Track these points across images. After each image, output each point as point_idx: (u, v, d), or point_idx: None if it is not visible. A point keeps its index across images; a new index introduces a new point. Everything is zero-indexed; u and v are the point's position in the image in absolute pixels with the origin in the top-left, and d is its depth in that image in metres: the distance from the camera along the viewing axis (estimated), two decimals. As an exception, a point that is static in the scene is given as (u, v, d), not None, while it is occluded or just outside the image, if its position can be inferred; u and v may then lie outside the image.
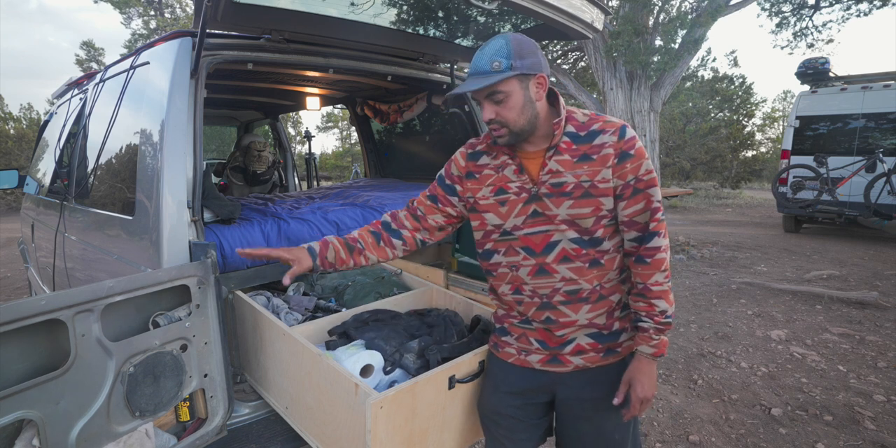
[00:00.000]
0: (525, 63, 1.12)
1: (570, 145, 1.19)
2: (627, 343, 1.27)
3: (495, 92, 1.14)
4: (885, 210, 6.70)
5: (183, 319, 1.43)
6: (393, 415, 1.18)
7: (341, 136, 26.41)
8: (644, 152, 1.19)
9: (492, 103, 1.16)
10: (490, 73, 1.12)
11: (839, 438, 2.42)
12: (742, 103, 18.01)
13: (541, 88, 1.18)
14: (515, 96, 1.15)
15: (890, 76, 7.19)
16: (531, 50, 1.14)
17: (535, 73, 1.14)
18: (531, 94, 1.16)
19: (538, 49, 1.17)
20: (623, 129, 1.18)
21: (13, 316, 1.08)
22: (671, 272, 1.28)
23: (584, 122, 1.21)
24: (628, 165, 1.16)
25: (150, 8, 16.60)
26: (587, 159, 1.17)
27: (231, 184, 4.33)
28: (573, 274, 1.21)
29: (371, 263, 1.41)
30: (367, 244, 1.39)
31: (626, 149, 1.16)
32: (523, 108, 1.16)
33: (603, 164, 1.16)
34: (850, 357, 3.32)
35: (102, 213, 2.00)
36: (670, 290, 1.20)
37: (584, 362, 1.25)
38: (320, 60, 2.09)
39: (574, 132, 1.20)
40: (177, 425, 1.50)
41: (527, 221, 1.23)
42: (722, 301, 4.56)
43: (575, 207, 1.18)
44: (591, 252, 1.20)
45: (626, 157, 1.16)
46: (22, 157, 13.89)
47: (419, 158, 3.51)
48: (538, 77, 1.16)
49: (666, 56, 6.14)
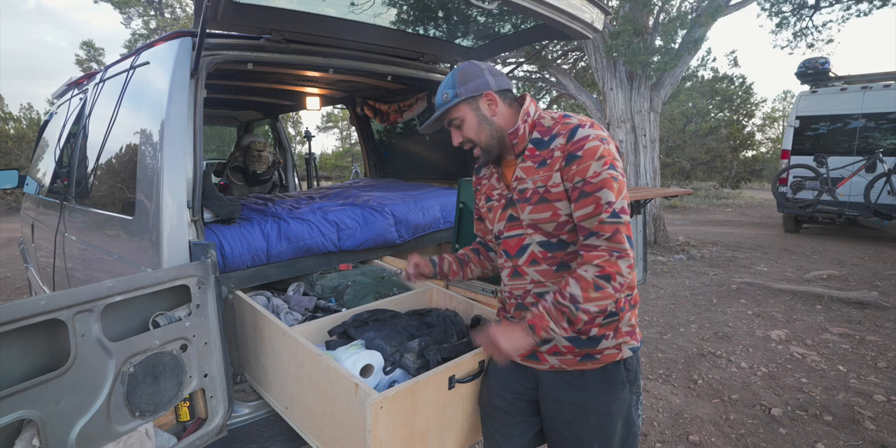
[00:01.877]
0: (468, 88, 1.24)
1: (534, 151, 1.22)
2: (610, 351, 1.23)
3: (451, 119, 1.28)
4: (885, 210, 6.70)
5: (183, 319, 1.43)
6: (393, 415, 1.18)
7: (341, 136, 26.40)
8: (596, 152, 1.12)
9: (455, 129, 1.30)
10: (441, 105, 1.28)
11: (839, 438, 2.42)
12: (742, 103, 18.00)
13: (493, 104, 1.25)
14: (469, 119, 1.26)
15: (890, 76, 7.19)
16: (474, 74, 1.24)
17: (479, 93, 1.24)
18: (484, 113, 1.26)
19: (484, 71, 1.25)
20: (574, 130, 1.15)
21: (13, 316, 1.08)
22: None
23: (549, 127, 1.22)
24: (574, 167, 1.13)
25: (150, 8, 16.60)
26: (543, 165, 1.19)
27: (231, 184, 4.33)
28: (541, 276, 1.24)
29: (476, 276, 1.57)
30: (472, 258, 1.56)
31: (573, 150, 1.14)
32: (479, 126, 1.26)
33: (553, 168, 1.17)
34: (850, 357, 3.32)
35: (102, 213, 2.00)
36: (596, 287, 1.08)
37: (559, 363, 1.24)
38: (320, 60, 2.09)
39: (539, 138, 1.22)
40: (177, 425, 1.50)
41: (506, 226, 1.30)
42: (722, 301, 4.56)
43: (534, 212, 1.21)
44: (559, 255, 1.21)
45: (572, 158, 1.14)
46: (22, 157, 13.89)
47: (419, 158, 3.51)
48: (485, 96, 1.24)
49: (666, 56, 6.13)
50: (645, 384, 3.01)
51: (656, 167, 7.18)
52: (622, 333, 1.23)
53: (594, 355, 1.23)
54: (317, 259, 2.10)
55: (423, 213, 2.43)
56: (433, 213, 2.48)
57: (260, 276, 1.91)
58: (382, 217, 2.26)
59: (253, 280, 1.89)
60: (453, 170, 3.07)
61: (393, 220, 2.29)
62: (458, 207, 2.01)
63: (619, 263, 1.09)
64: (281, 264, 1.97)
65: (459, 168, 2.98)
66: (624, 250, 1.10)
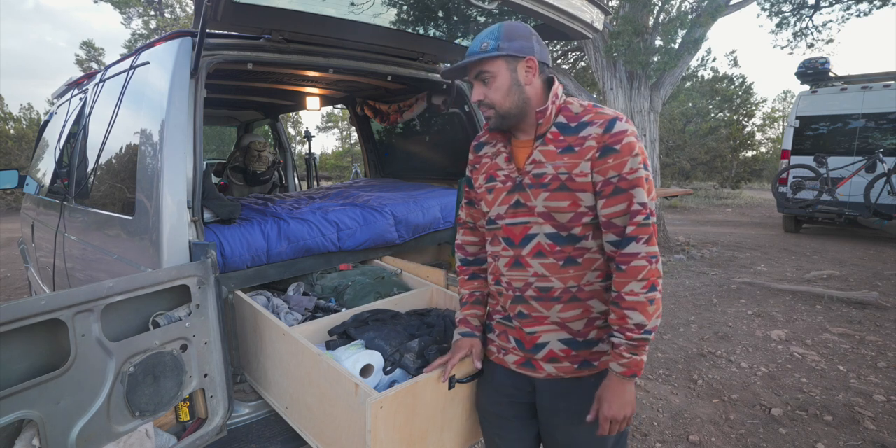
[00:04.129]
0: (513, 45, 1.13)
1: (558, 136, 1.15)
2: (606, 357, 1.18)
3: (482, 71, 1.16)
4: (885, 210, 6.70)
5: (183, 319, 1.43)
6: (393, 415, 1.18)
7: (341, 136, 26.40)
8: (633, 149, 1.09)
9: (480, 84, 1.18)
10: (477, 53, 1.15)
11: (839, 438, 2.42)
12: (742, 103, 18.01)
13: (530, 72, 1.16)
14: (501, 77, 1.15)
15: (890, 76, 7.19)
16: (523, 34, 1.14)
17: (523, 55, 1.14)
18: (519, 77, 1.15)
19: (532, 35, 1.16)
20: (611, 122, 1.10)
21: (13, 316, 1.08)
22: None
23: (577, 113, 1.15)
24: (610, 161, 1.09)
25: (150, 8, 16.60)
26: (569, 151, 1.13)
27: (231, 184, 4.33)
28: (545, 270, 1.18)
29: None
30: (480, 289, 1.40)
31: (611, 143, 1.09)
32: (509, 90, 1.16)
33: (582, 157, 1.11)
34: (850, 357, 3.32)
35: (102, 213, 2.00)
36: (651, 302, 1.08)
37: (556, 371, 1.21)
38: (320, 60, 2.09)
39: (564, 123, 1.16)
40: (177, 425, 1.49)
41: (509, 211, 1.22)
42: (722, 301, 4.56)
43: (551, 200, 1.15)
44: (567, 249, 1.16)
45: (608, 151, 1.09)
46: (22, 157, 13.89)
47: (419, 158, 3.51)
48: (527, 60, 1.14)
49: (666, 56, 6.13)
50: (645, 384, 3.01)
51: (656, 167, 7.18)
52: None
53: (591, 362, 1.20)
54: (317, 259, 2.10)
55: (423, 213, 2.43)
56: (433, 213, 2.48)
57: (260, 276, 1.91)
58: (382, 217, 2.26)
59: (253, 280, 1.89)
60: (453, 170, 3.07)
61: (393, 220, 2.29)
62: (458, 207, 2.01)
63: (657, 268, 1.10)
64: (281, 264, 1.97)
65: (459, 168, 2.98)
66: (657, 253, 1.10)
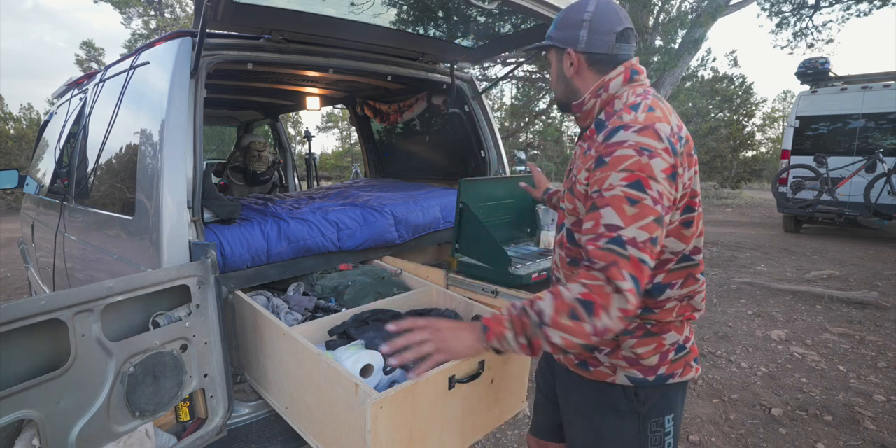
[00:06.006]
0: (559, 35, 1.10)
1: (594, 134, 1.06)
2: (601, 369, 1.11)
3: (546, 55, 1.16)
4: (885, 210, 6.70)
5: (183, 319, 1.43)
6: (393, 415, 1.18)
7: (341, 136, 26.40)
8: (622, 163, 0.92)
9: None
10: (546, 39, 1.14)
11: (839, 438, 2.42)
12: (742, 103, 18.01)
13: (573, 65, 1.09)
14: (554, 66, 1.15)
15: (890, 76, 7.19)
16: (571, 22, 1.08)
17: (563, 47, 1.09)
18: (563, 68, 1.12)
19: (583, 23, 1.06)
20: (615, 130, 0.97)
21: (13, 316, 1.08)
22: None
23: (616, 111, 1.04)
24: (598, 173, 0.96)
25: (150, 8, 16.60)
26: (588, 153, 1.05)
27: (231, 184, 4.33)
28: (558, 260, 1.18)
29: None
30: None
31: (604, 153, 0.96)
32: (556, 79, 1.15)
33: (586, 164, 1.03)
34: (850, 357, 3.32)
35: (102, 213, 2.00)
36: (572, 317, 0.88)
37: (563, 359, 1.21)
38: (320, 60, 2.09)
39: (602, 121, 1.06)
40: (177, 425, 1.49)
41: (565, 195, 1.18)
42: (722, 301, 4.56)
43: (563, 200, 1.15)
44: (575, 249, 1.12)
45: (599, 162, 0.96)
46: (22, 157, 13.89)
47: (419, 158, 3.51)
48: (568, 52, 1.09)
49: (666, 56, 6.14)
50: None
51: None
52: (618, 356, 1.09)
53: (587, 366, 1.14)
54: (317, 259, 2.10)
55: (423, 213, 2.43)
56: (433, 213, 2.48)
57: (260, 276, 1.91)
58: (382, 217, 2.26)
59: (253, 280, 1.89)
60: (453, 170, 3.07)
61: (393, 220, 2.29)
62: (458, 207, 2.01)
63: (612, 298, 0.85)
64: (281, 264, 1.97)
65: (459, 168, 2.98)
66: (622, 289, 0.84)
